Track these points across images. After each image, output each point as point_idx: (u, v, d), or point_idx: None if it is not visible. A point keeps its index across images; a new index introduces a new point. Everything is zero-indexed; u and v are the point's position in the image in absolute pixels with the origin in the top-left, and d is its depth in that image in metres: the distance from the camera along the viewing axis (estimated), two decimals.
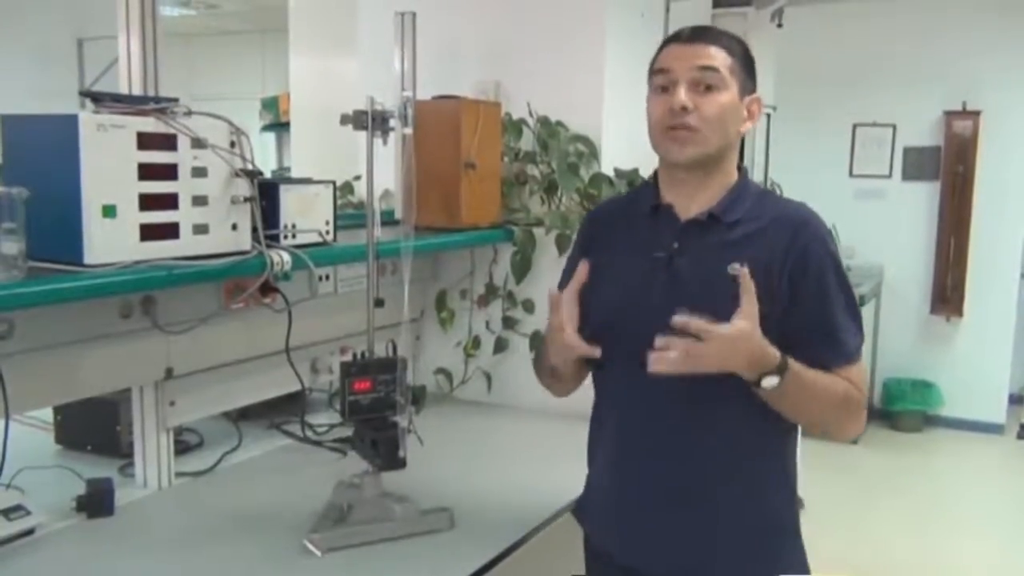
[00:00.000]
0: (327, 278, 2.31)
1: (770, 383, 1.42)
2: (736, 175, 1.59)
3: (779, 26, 4.55)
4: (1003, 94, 5.72)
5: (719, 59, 1.51)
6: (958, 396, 5.92)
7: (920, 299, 6.08)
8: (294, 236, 1.92)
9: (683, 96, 1.49)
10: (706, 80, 1.50)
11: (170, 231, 1.65)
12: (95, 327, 1.80)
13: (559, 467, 1.93)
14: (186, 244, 1.67)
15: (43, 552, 1.69)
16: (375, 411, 1.78)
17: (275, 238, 1.87)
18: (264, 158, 4.44)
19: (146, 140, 1.60)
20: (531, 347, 2.58)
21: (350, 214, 2.45)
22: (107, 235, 1.55)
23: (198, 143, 1.67)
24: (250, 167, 1.76)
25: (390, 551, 1.73)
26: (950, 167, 5.89)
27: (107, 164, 1.54)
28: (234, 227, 1.75)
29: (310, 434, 2.35)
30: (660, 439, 1.56)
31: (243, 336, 2.12)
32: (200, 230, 1.69)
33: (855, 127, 6.13)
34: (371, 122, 1.77)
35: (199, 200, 1.68)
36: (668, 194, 1.60)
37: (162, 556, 1.71)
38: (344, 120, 1.78)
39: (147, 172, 1.60)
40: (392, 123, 1.79)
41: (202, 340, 2.00)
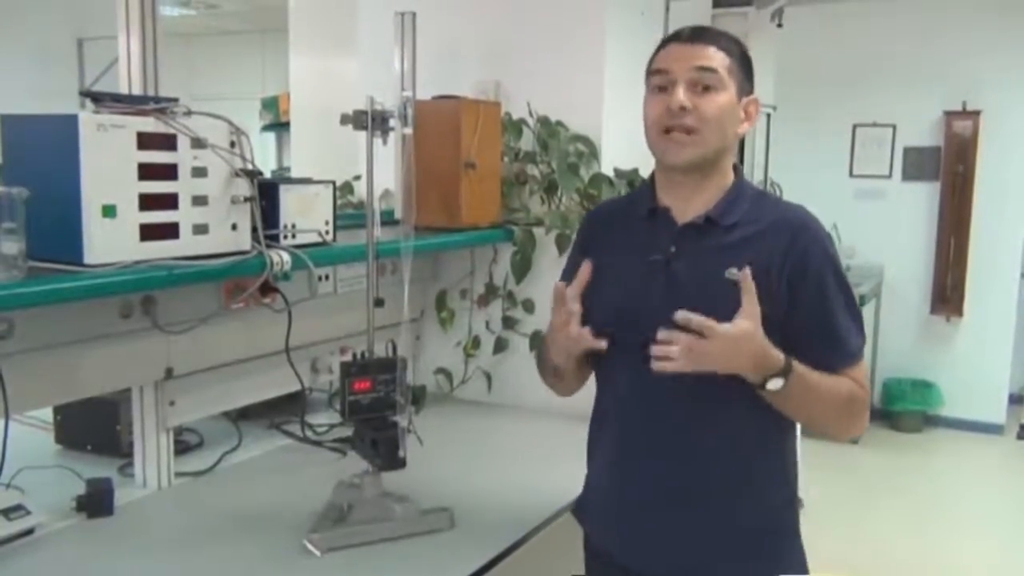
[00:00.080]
0: (327, 278, 2.31)
1: (775, 385, 1.43)
2: (732, 176, 1.59)
3: (779, 26, 4.56)
4: (1003, 94, 5.71)
5: (717, 60, 1.50)
6: (958, 396, 5.92)
7: (920, 299, 6.08)
8: (294, 236, 1.92)
9: (682, 96, 1.49)
10: (704, 81, 1.50)
11: (170, 231, 1.65)
12: (95, 327, 1.80)
13: (559, 467, 1.93)
14: (186, 244, 1.67)
15: (43, 552, 1.69)
16: (375, 411, 1.78)
17: (275, 238, 1.87)
18: (264, 158, 4.44)
19: (146, 140, 1.60)
20: (531, 347, 2.59)
21: (350, 214, 2.45)
22: (107, 235, 1.55)
23: (198, 143, 1.67)
24: (250, 167, 1.76)
25: (390, 551, 1.73)
26: (950, 167, 5.89)
27: (107, 164, 1.54)
28: (234, 227, 1.75)
29: (310, 434, 2.35)
30: (660, 439, 1.56)
31: (243, 336, 2.12)
32: (200, 230, 1.69)
33: (855, 127, 6.13)
34: (371, 122, 1.77)
35: (199, 200, 1.68)
36: (665, 197, 1.60)
37: (162, 556, 1.71)
38: (344, 120, 1.78)
39: (147, 172, 1.60)
40: (392, 123, 1.79)
41: (202, 340, 2.00)
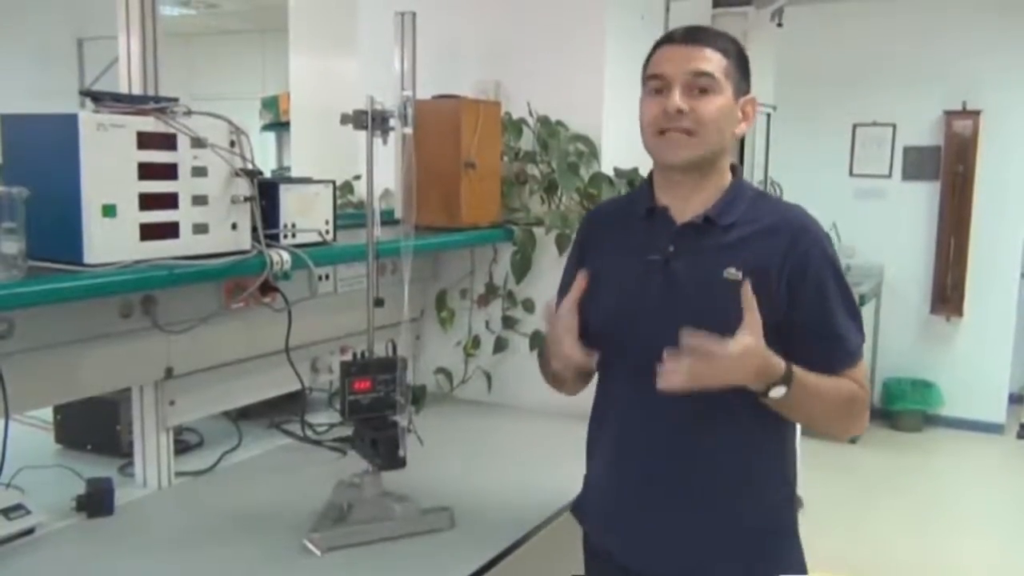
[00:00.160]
0: (327, 278, 2.31)
1: (777, 393, 1.43)
2: (730, 177, 1.59)
3: (779, 25, 4.56)
4: (1003, 94, 5.71)
5: (714, 62, 1.50)
6: (958, 396, 5.92)
7: (920, 299, 6.08)
8: (294, 236, 1.92)
9: (678, 99, 1.48)
10: (700, 84, 1.49)
11: (170, 230, 1.65)
12: (95, 327, 1.80)
13: (559, 467, 1.93)
14: (186, 244, 1.67)
15: (43, 551, 1.69)
16: (375, 410, 1.78)
17: (275, 237, 1.87)
18: (264, 158, 4.44)
19: (146, 140, 1.60)
20: (531, 347, 2.58)
21: (350, 214, 2.46)
22: (107, 234, 1.55)
23: (198, 143, 1.67)
24: (250, 167, 1.76)
25: (390, 550, 1.73)
26: (950, 167, 5.89)
27: (107, 163, 1.54)
28: (234, 227, 1.75)
29: (310, 433, 2.35)
30: (660, 439, 1.56)
31: (243, 336, 2.12)
32: (200, 229, 1.69)
33: (855, 127, 6.13)
34: (371, 122, 1.77)
35: (199, 200, 1.68)
36: (663, 196, 1.59)
37: (162, 556, 1.71)
38: (344, 120, 1.78)
39: (147, 172, 1.60)
40: (392, 123, 1.79)
41: (202, 340, 2.00)
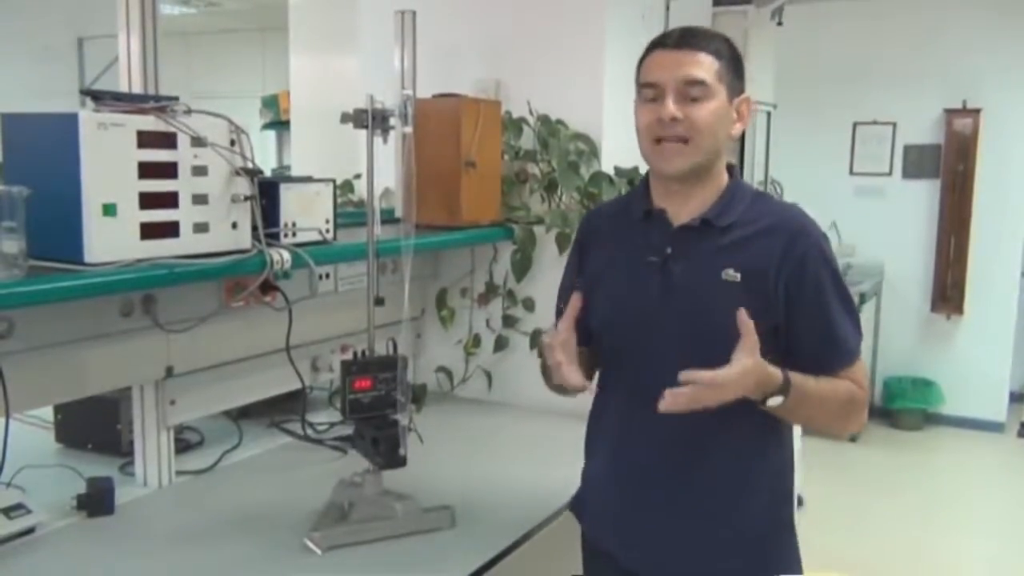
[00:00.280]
0: (327, 276, 2.31)
1: (775, 402, 1.44)
2: (727, 178, 1.58)
3: (779, 24, 4.54)
4: (1003, 92, 5.71)
5: (706, 66, 1.48)
6: (958, 394, 5.91)
7: (920, 297, 6.07)
8: (294, 234, 1.92)
9: (672, 108, 1.48)
10: (693, 93, 1.48)
11: (170, 230, 1.65)
12: (95, 326, 1.80)
13: (559, 466, 1.93)
14: (186, 242, 1.67)
15: (43, 551, 1.69)
16: (376, 409, 1.78)
17: (275, 236, 1.87)
18: (264, 156, 4.44)
19: (146, 138, 1.60)
20: (531, 345, 2.59)
21: (350, 212, 2.45)
22: (107, 234, 1.54)
23: (198, 141, 1.66)
24: (250, 165, 1.76)
25: (391, 549, 1.73)
26: (950, 165, 5.89)
27: (107, 162, 1.54)
28: (234, 225, 1.75)
29: (311, 432, 2.35)
30: (657, 440, 1.56)
31: (243, 334, 2.12)
32: (200, 228, 1.69)
33: (855, 125, 6.12)
34: (371, 120, 1.77)
35: (199, 198, 1.68)
36: (660, 199, 1.59)
37: (162, 555, 1.71)
38: (344, 118, 1.78)
39: (147, 170, 1.60)
40: (392, 121, 1.79)
41: (202, 339, 2.00)
